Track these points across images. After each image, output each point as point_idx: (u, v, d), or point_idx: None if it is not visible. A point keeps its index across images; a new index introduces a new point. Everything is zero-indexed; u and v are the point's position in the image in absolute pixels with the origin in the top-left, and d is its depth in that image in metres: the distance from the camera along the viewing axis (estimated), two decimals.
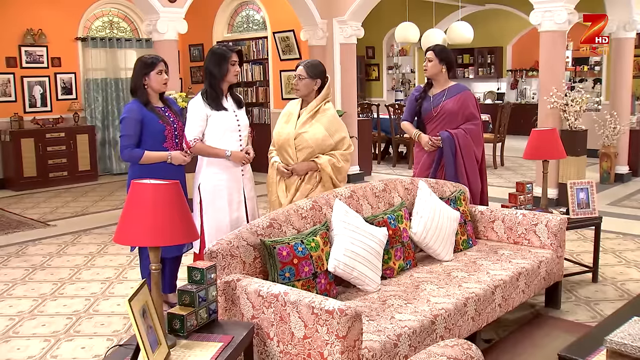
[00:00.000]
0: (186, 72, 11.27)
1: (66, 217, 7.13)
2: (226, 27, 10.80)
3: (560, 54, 6.86)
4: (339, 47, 8.76)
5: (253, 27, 10.43)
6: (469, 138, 4.57)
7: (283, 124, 3.95)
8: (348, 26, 8.67)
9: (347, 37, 8.74)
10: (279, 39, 9.46)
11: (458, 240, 3.88)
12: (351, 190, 3.52)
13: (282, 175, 3.88)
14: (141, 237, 2.19)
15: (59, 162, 9.28)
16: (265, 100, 10.09)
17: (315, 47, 8.78)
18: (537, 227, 3.95)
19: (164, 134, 3.81)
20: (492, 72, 15.00)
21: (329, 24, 8.70)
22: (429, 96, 4.69)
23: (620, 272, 4.81)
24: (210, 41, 10.76)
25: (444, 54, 4.59)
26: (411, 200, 3.82)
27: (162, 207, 2.19)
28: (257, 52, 10.16)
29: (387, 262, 3.39)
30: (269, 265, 2.91)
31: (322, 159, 3.85)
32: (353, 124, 8.88)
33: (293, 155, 3.86)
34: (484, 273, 3.43)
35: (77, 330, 3.85)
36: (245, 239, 2.91)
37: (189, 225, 2.27)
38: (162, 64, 3.80)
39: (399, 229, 3.48)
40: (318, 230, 3.11)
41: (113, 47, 10.21)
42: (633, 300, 3.10)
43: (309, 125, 3.86)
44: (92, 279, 4.85)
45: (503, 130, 9.94)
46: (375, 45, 14.73)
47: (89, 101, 10.01)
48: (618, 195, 7.98)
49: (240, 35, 10.57)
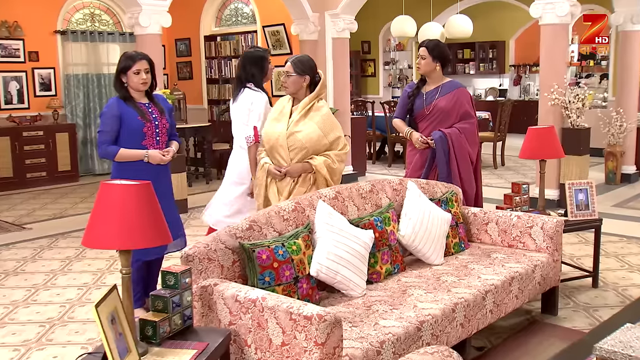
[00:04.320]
0: (172, 67, 11.29)
1: (43, 219, 7.14)
2: (214, 21, 10.83)
3: (562, 49, 6.89)
4: (332, 42, 8.78)
5: (242, 21, 10.46)
6: (463, 137, 4.60)
7: (273, 123, 3.95)
8: (341, 20, 8.69)
9: (340, 31, 8.76)
10: (269, 33, 9.50)
11: (449, 243, 3.91)
12: (336, 192, 3.55)
13: (274, 177, 3.90)
14: (110, 240, 2.21)
15: (37, 162, 9.28)
16: None
17: (307, 42, 8.80)
18: (533, 230, 3.98)
19: (143, 132, 3.82)
20: (494, 68, 15.04)
21: (321, 18, 8.73)
22: (422, 93, 4.72)
23: (622, 277, 4.83)
24: (198, 35, 10.78)
25: (437, 51, 4.61)
26: (400, 201, 3.85)
27: (132, 208, 2.21)
28: (246, 47, 10.17)
29: (373, 266, 3.41)
30: (248, 269, 2.93)
31: (317, 160, 3.87)
32: (346, 122, 8.90)
33: (286, 156, 3.87)
34: (475, 277, 3.46)
35: (50, 338, 3.87)
36: (224, 242, 2.94)
37: (160, 227, 2.29)
38: (141, 62, 3.77)
39: (386, 232, 3.51)
40: (300, 233, 3.14)
41: (95, 41, 10.22)
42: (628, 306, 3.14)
43: (302, 125, 3.87)
44: (68, 285, 4.86)
45: (503, 129, 9.99)
46: (371, 40, 14.76)
47: (69, 98, 10.02)
48: (624, 197, 8.01)
49: (228, 29, 10.61)
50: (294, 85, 3.91)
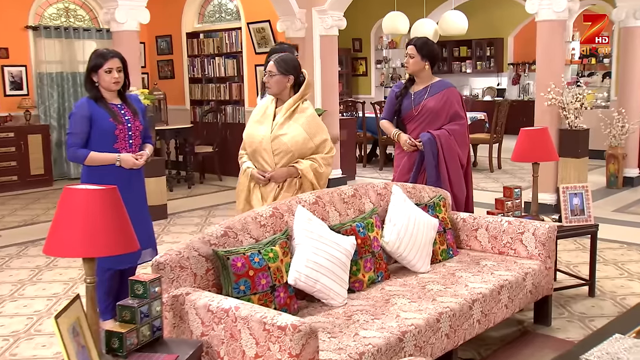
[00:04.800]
0: (153, 66, 11.30)
1: (13, 226, 7.13)
2: (196, 17, 10.85)
3: (559, 46, 6.95)
4: (319, 40, 8.83)
5: (226, 17, 10.49)
6: (452, 139, 4.64)
7: (256, 125, 3.96)
8: (329, 16, 8.74)
9: (328, 28, 8.80)
10: (254, 30, 9.53)
11: (436, 250, 3.94)
12: (316, 196, 3.57)
13: (258, 182, 3.91)
14: (73, 248, 2.23)
15: (8, 166, 9.26)
16: (239, 98, 10.15)
17: (293, 39, 8.81)
18: (524, 236, 4.01)
19: (114, 134, 3.83)
20: (491, 66, 15.14)
21: (308, 14, 8.77)
22: (410, 93, 4.76)
23: (621, 286, 4.87)
24: (179, 32, 10.80)
25: (426, 49, 4.65)
26: (384, 206, 3.88)
27: (96, 214, 2.23)
28: (231, 45, 10.22)
29: (355, 274, 3.44)
30: (222, 277, 2.95)
31: (303, 164, 3.89)
32: (335, 123, 8.94)
33: (270, 161, 3.89)
34: (462, 286, 3.49)
35: (14, 353, 3.86)
36: (197, 249, 2.95)
37: (126, 234, 2.30)
38: (113, 61, 3.78)
39: (369, 238, 3.54)
40: (277, 240, 3.16)
41: (70, 37, 10.22)
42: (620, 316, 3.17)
43: (287, 127, 3.89)
44: (36, 295, 4.86)
45: (500, 130, 10.04)
46: (362, 37, 14.83)
47: (42, 98, 10.01)
48: (625, 201, 8.05)
49: (212, 26, 10.63)
50: (277, 86, 3.92)
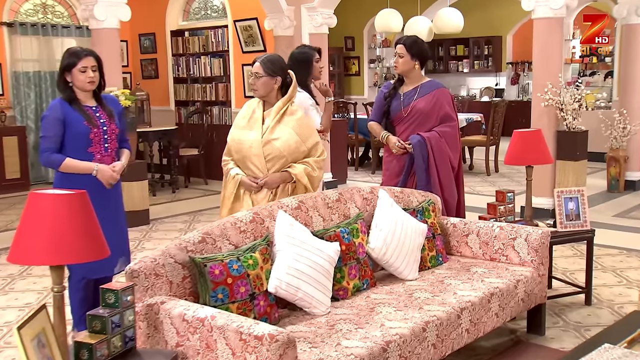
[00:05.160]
0: (136, 65, 11.30)
1: None
2: (181, 14, 10.87)
3: (556, 45, 7.00)
4: (308, 38, 8.85)
5: (212, 15, 10.51)
6: (443, 142, 4.67)
7: (244, 130, 3.96)
8: (318, 14, 8.77)
9: (318, 26, 8.84)
10: (241, 28, 9.55)
11: (425, 257, 3.96)
12: (299, 201, 3.59)
13: (249, 189, 3.92)
14: (38, 255, 2.23)
15: None
16: (226, 99, 10.16)
17: (282, 38, 8.86)
18: (516, 242, 4.04)
19: (89, 138, 3.81)
20: (489, 66, 15.21)
21: (297, 12, 8.80)
22: (399, 94, 4.78)
23: (619, 294, 4.90)
24: (164, 30, 10.81)
25: (416, 48, 4.68)
26: (371, 211, 3.90)
27: (64, 221, 2.24)
28: (217, 44, 10.24)
29: (339, 281, 3.45)
30: (199, 285, 2.97)
31: (297, 168, 3.92)
32: None
33: (262, 167, 3.90)
34: (451, 294, 3.51)
35: None
36: (173, 256, 2.97)
37: (96, 241, 2.31)
38: (88, 59, 3.77)
39: (354, 244, 3.56)
40: (257, 246, 3.18)
41: (47, 34, 10.21)
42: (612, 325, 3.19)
43: (278, 131, 3.90)
44: (8, 306, 4.85)
45: (497, 132, 10.08)
46: (354, 36, 14.87)
47: (18, 98, 9.99)
48: (627, 206, 8.09)
49: (197, 24, 10.66)
50: (264, 88, 3.93)
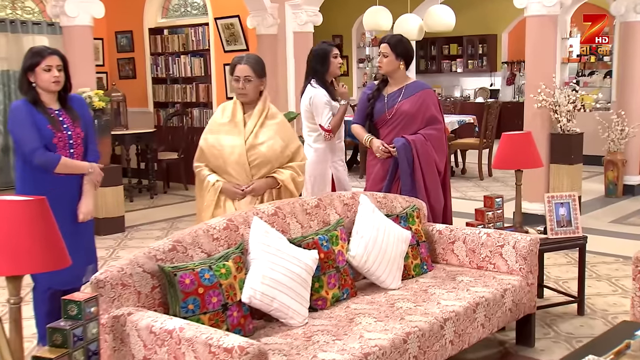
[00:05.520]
0: (112, 64, 11.29)
1: None
2: (160, 11, 10.87)
3: (550, 44, 7.03)
4: (293, 37, 8.87)
5: (192, 12, 10.52)
6: (429, 145, 4.69)
7: (223, 135, 3.93)
8: (303, 11, 8.78)
9: (302, 24, 8.84)
10: (222, 26, 9.55)
11: (409, 265, 3.99)
12: (275, 207, 3.61)
13: (233, 197, 3.92)
14: None
15: None
16: (207, 100, 10.16)
17: (265, 37, 8.87)
18: (504, 250, 4.07)
19: (52, 142, 3.78)
20: (484, 65, 15.28)
21: (281, 9, 8.81)
22: (383, 95, 4.81)
23: (614, 304, 4.92)
24: (141, 28, 10.81)
25: (401, 47, 4.71)
26: (352, 217, 3.92)
27: (21, 228, 2.23)
28: (197, 42, 10.24)
29: (318, 291, 3.47)
30: (169, 296, 2.98)
31: (283, 174, 3.94)
32: None
33: (245, 173, 3.91)
34: (434, 303, 3.53)
35: None
36: (141, 265, 2.97)
37: (56, 249, 2.30)
38: (52, 58, 3.74)
39: (333, 252, 3.58)
40: (230, 254, 3.19)
41: (17, 31, 10.13)
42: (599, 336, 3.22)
43: (262, 135, 3.92)
44: None
45: (490, 134, 10.11)
46: (343, 34, 14.89)
47: None
48: (625, 211, 8.13)
49: (176, 21, 10.66)
50: (254, 92, 3.91)
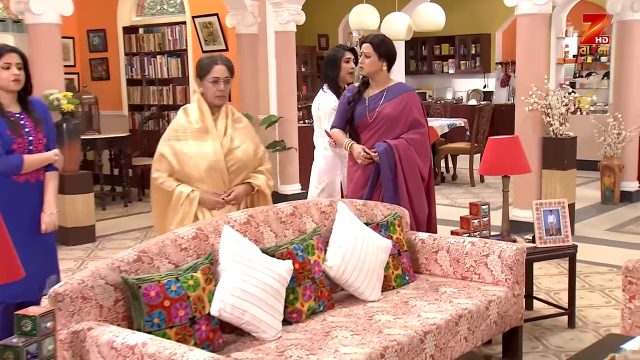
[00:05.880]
0: (84, 65, 11.27)
1: None
2: (135, 9, 10.89)
3: (541, 44, 7.09)
4: (274, 36, 8.90)
5: (168, 10, 10.55)
6: (412, 150, 4.71)
7: (194, 140, 3.89)
8: (284, 10, 8.80)
9: (284, 23, 8.86)
10: (200, 25, 9.57)
11: (389, 276, 4.01)
12: (248, 215, 3.62)
13: (214, 207, 3.92)
14: None
15: None
16: (184, 102, 10.15)
17: (245, 36, 8.90)
18: (489, 259, 4.09)
19: (12, 149, 3.76)
20: (477, 66, 15.33)
21: (261, 7, 8.83)
22: (364, 98, 4.82)
23: (606, 316, 4.94)
24: (115, 26, 10.82)
25: (384, 48, 4.73)
26: (329, 226, 3.93)
27: None
28: (174, 42, 10.29)
29: (292, 303, 3.48)
30: (133, 309, 2.98)
31: (259, 179, 3.99)
32: (292, 131, 9.02)
33: (225, 180, 3.92)
34: (415, 316, 3.55)
35: None
36: (104, 277, 2.97)
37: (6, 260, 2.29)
38: (10, 56, 3.73)
39: (309, 262, 3.59)
40: (199, 265, 3.19)
41: None
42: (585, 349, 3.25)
43: (236, 139, 3.95)
44: None
45: (482, 139, 10.16)
46: (329, 34, 14.93)
47: None
48: (622, 219, 8.19)
49: (152, 20, 10.69)
50: (227, 92, 3.97)
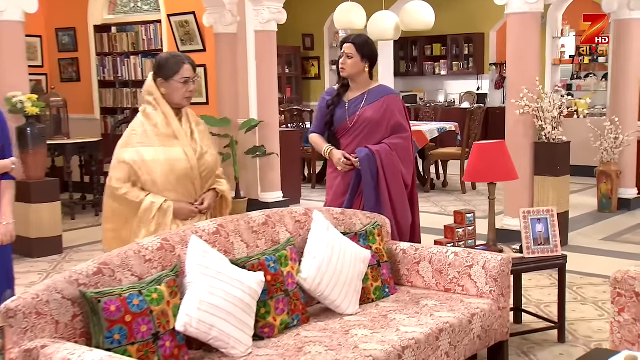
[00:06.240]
0: (53, 65, 11.24)
1: None
2: (107, 7, 10.90)
3: (533, 44, 7.11)
4: (254, 36, 8.91)
5: (142, 8, 10.56)
6: (395, 155, 4.73)
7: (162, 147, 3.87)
8: (265, 8, 8.82)
9: (265, 22, 8.88)
10: (176, 23, 9.57)
11: (368, 288, 4.02)
12: (218, 225, 3.62)
13: (188, 216, 3.93)
14: None
15: None
16: None
17: (223, 36, 8.92)
18: (473, 270, 4.10)
19: None
20: (470, 67, 15.39)
21: (241, 5, 8.85)
22: (344, 102, 4.83)
23: (598, 330, 4.96)
24: (86, 24, 10.81)
25: (367, 49, 4.75)
26: (304, 236, 3.95)
27: None
28: (149, 41, 10.29)
29: (264, 317, 3.48)
30: (92, 325, 2.96)
31: (223, 184, 4.04)
32: (273, 136, 9.04)
33: (197, 187, 3.95)
34: (393, 330, 3.56)
35: None
36: (61, 291, 2.95)
37: None
38: None
39: (282, 274, 3.60)
40: (164, 277, 3.19)
41: None
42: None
43: (202, 142, 3.99)
44: None
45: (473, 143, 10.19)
46: (314, 33, 14.96)
47: None
48: (619, 228, 8.22)
49: (126, 18, 10.70)
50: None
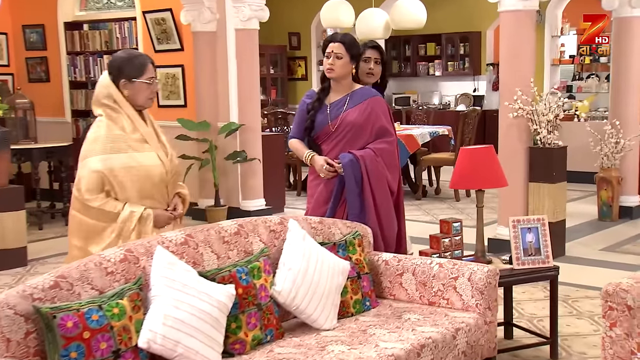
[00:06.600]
0: (20, 65, 11.24)
1: None
2: (78, 3, 10.91)
3: (527, 43, 7.12)
4: (234, 34, 8.91)
5: (116, 4, 10.57)
6: (380, 161, 4.72)
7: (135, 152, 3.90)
8: (245, 5, 8.82)
9: (245, 20, 8.89)
10: (152, 21, 9.56)
11: (347, 301, 4.02)
12: (186, 235, 3.61)
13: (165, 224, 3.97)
14: None
15: None
16: None
17: (202, 34, 8.92)
18: (458, 282, 4.10)
19: None
20: (466, 68, 15.43)
21: (220, 3, 8.86)
22: (326, 105, 4.81)
23: (593, 345, 4.95)
24: (55, 21, 10.81)
25: (356, 49, 4.76)
26: (280, 246, 3.94)
27: None
28: (123, 40, 10.30)
29: (235, 332, 3.48)
30: (47, 342, 2.94)
31: (185, 188, 4.13)
32: (255, 141, 9.04)
33: (170, 192, 4.03)
34: (372, 346, 3.55)
35: None
36: (13, 307, 2.92)
37: None
38: None
39: (254, 286, 3.59)
40: (126, 291, 3.18)
41: None
42: None
43: (168, 146, 4.07)
44: None
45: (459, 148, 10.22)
46: (300, 32, 14.97)
47: None
48: (620, 237, 8.23)
49: (98, 15, 10.71)
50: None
